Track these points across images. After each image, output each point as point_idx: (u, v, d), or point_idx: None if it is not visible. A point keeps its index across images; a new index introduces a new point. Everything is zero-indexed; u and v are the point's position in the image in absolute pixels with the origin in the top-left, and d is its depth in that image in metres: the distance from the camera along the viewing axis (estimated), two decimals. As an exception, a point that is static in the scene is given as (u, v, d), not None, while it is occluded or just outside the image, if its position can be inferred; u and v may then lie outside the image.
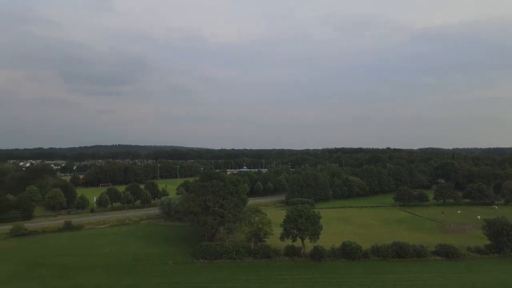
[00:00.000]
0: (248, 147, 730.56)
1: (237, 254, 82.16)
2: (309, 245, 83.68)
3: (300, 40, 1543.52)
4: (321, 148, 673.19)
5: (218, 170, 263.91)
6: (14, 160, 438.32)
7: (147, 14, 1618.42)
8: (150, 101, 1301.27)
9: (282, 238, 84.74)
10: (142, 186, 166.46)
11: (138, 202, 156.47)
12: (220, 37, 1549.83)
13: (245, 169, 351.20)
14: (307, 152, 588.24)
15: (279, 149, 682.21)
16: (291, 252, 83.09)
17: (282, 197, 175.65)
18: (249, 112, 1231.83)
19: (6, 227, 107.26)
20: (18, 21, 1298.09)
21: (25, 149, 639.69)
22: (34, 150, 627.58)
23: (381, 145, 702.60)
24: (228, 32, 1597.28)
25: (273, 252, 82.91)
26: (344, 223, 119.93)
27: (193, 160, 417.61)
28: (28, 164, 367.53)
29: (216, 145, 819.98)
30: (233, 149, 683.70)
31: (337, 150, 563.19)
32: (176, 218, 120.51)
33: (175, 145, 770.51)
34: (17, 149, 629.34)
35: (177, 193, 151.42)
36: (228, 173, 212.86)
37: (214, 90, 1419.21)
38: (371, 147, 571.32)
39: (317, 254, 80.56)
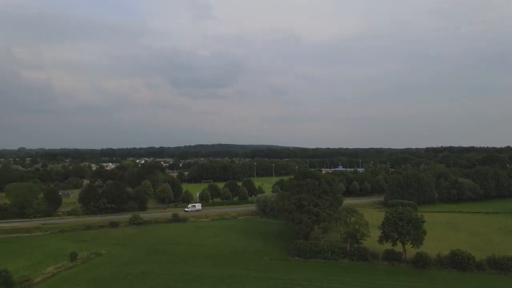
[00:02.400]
0: (343, 146, 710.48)
1: (332, 254, 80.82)
2: (410, 251, 77.98)
3: (398, 33, 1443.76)
4: (424, 147, 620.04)
5: (313, 169, 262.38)
6: (132, 158, 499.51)
7: (244, 19, 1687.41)
8: (248, 102, 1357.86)
9: (380, 241, 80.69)
10: (239, 183, 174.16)
11: (236, 198, 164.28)
12: (315, 36, 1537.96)
13: (340, 168, 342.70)
14: (407, 151, 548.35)
15: (377, 148, 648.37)
16: (391, 256, 78.49)
17: (380, 198, 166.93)
18: (344, 110, 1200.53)
19: (126, 216, 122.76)
20: (136, 35, 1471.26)
21: (140, 148, 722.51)
22: (147, 149, 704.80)
23: (497, 143, 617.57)
24: (322, 30, 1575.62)
25: (370, 255, 79.41)
26: (451, 229, 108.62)
27: (288, 159, 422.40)
28: (142, 161, 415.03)
29: (310, 144, 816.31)
30: (328, 148, 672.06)
31: (443, 149, 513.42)
32: (272, 215, 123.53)
33: (271, 144, 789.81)
34: (134, 148, 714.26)
35: (273, 191, 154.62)
36: (323, 172, 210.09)
37: (309, 89, 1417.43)
38: (484, 146, 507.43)
39: (421, 261, 74.48)
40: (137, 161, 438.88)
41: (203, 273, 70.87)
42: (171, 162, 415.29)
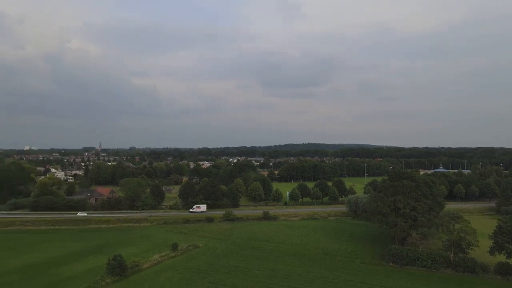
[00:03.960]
0: (445, 145, 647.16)
1: (432, 263, 74.44)
2: (530, 265, 67.82)
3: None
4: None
5: (410, 169, 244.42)
6: (225, 157, 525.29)
7: (335, 15, 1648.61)
8: (339, 100, 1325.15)
9: (491, 252, 71.80)
10: (330, 183, 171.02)
11: (326, 198, 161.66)
12: (412, 28, 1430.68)
13: (441, 169, 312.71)
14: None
15: (487, 147, 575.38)
16: (505, 270, 69.22)
17: (491, 204, 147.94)
18: (445, 106, 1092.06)
19: (220, 212, 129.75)
20: (230, 40, 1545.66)
21: (233, 147, 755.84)
22: (240, 148, 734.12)
23: None
24: (420, 20, 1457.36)
25: (479, 267, 71.11)
26: None
27: (381, 159, 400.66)
28: (235, 160, 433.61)
29: (406, 143, 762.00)
30: (426, 148, 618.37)
31: None
32: (363, 217, 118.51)
33: (362, 143, 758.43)
34: (227, 148, 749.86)
35: (364, 192, 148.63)
36: (421, 173, 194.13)
37: (405, 84, 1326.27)
38: None
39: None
40: (230, 160, 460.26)
41: (293, 271, 71.37)
42: (262, 161, 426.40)
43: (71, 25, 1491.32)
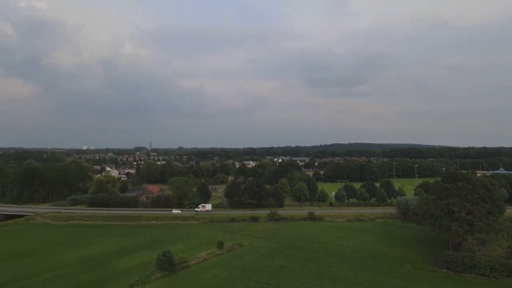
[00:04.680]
0: (506, 145, 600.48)
1: (491, 271, 69.35)
2: None
3: None
4: None
5: (465, 170, 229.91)
6: (270, 157, 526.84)
7: (382, 10, 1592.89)
8: (387, 98, 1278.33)
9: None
10: (377, 184, 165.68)
11: (373, 199, 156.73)
12: (466, 20, 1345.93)
13: (502, 170, 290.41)
14: None
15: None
16: None
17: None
18: (506, 103, 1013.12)
19: (265, 212, 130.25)
20: (275, 39, 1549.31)
21: (278, 147, 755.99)
22: (284, 148, 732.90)
23: None
24: (476, 12, 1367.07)
25: (546, 277, 65.29)
26: None
27: (433, 159, 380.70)
28: (280, 160, 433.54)
29: (461, 143, 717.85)
30: (484, 147, 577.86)
31: None
32: (414, 220, 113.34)
33: (412, 142, 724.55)
34: (272, 147, 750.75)
35: (415, 194, 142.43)
36: (478, 174, 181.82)
37: (459, 80, 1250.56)
38: None
39: None
40: (275, 159, 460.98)
41: (339, 274, 69.92)
42: (307, 161, 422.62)
43: (124, 32, 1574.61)
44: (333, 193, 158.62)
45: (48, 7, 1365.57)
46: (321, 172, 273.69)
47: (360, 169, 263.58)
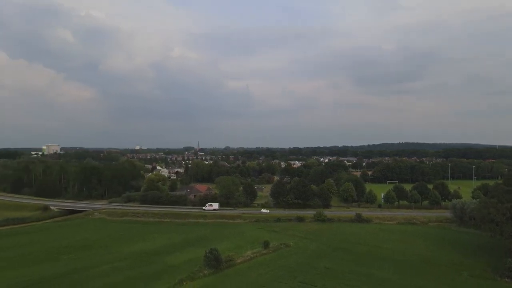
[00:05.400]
0: None
1: (561, 282, 63.39)
2: None
3: None
4: None
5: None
6: (316, 157, 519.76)
7: (438, 2, 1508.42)
8: (441, 96, 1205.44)
9: None
10: (430, 186, 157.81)
11: (425, 202, 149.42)
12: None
13: None
14: None
15: None
16: None
17: None
18: None
19: (311, 212, 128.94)
20: (320, 38, 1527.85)
21: (324, 147, 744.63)
22: (331, 148, 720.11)
23: None
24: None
25: None
26: None
27: (493, 160, 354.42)
28: (326, 160, 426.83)
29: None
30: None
31: None
32: (471, 224, 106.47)
33: (469, 142, 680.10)
34: (318, 147, 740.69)
35: (473, 197, 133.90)
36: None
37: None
38: None
39: None
40: (321, 159, 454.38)
41: (388, 278, 67.50)
42: (354, 161, 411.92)
43: (173, 36, 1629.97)
44: (382, 194, 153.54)
45: (105, 15, 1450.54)
46: (369, 173, 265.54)
47: (411, 170, 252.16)
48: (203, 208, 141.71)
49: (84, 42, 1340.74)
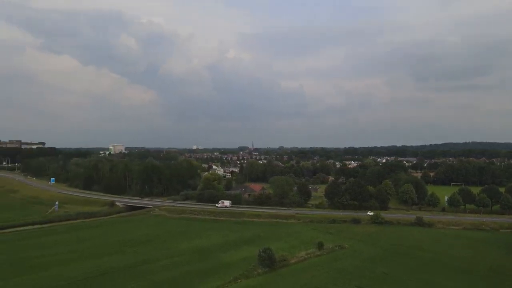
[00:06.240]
0: None
1: None
2: None
3: None
4: None
5: None
6: (373, 157, 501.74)
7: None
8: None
9: None
10: (502, 189, 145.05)
11: (496, 206, 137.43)
12: None
13: None
14: None
15: None
16: None
17: None
18: None
19: (367, 214, 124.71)
20: (375, 34, 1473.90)
21: (381, 147, 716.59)
22: (389, 148, 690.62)
23: None
24: None
25: None
26: None
27: None
28: (383, 160, 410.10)
29: None
30: None
31: None
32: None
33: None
34: (375, 147, 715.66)
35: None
36: None
37: None
38: None
39: None
40: (378, 159, 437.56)
41: (452, 287, 63.27)
42: (415, 162, 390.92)
43: (228, 38, 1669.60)
44: (446, 197, 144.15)
45: (164, 21, 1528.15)
46: (431, 174, 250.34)
47: (479, 172, 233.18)
48: (216, 205, 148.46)
49: (145, 47, 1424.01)
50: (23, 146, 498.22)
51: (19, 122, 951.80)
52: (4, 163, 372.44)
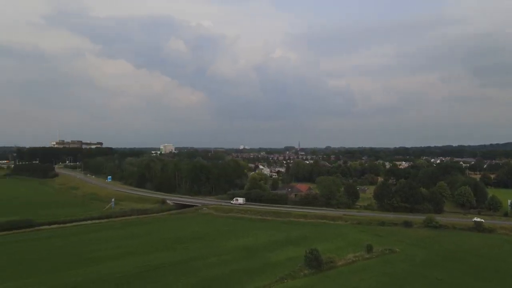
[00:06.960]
0: None
1: None
2: None
3: None
4: None
5: None
6: (426, 157, 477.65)
7: None
8: None
9: None
10: None
11: None
12: None
13: None
14: None
15: None
16: None
17: None
18: None
19: (419, 217, 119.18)
20: (427, 28, 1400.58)
21: (435, 147, 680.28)
22: (443, 148, 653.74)
23: None
24: None
25: None
26: None
27: None
28: (438, 161, 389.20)
29: None
30: None
31: None
32: None
33: None
34: (428, 147, 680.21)
35: None
36: None
37: None
38: None
39: None
40: (432, 160, 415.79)
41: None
42: (473, 163, 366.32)
43: (274, 38, 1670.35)
44: (509, 201, 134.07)
45: (212, 23, 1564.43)
46: (492, 176, 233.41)
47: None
48: (231, 202, 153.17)
49: (194, 49, 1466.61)
50: (83, 146, 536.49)
51: (80, 123, 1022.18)
52: (68, 162, 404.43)
